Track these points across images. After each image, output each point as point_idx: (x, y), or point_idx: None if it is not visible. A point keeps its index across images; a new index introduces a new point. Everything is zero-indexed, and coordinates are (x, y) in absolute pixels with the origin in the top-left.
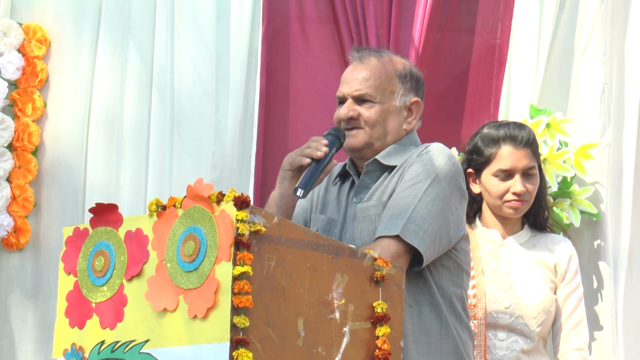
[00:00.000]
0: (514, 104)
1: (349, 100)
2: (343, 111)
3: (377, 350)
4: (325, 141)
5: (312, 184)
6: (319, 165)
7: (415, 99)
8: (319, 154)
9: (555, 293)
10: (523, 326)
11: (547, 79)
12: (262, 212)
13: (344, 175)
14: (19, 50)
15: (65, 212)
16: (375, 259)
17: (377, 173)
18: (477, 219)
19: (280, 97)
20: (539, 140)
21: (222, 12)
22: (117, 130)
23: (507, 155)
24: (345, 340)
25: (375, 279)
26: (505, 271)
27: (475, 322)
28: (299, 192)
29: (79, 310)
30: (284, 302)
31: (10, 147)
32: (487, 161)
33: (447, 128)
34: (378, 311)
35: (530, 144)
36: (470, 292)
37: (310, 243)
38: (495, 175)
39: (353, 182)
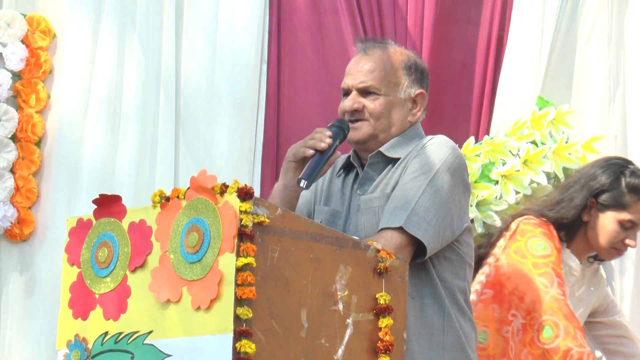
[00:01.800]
0: (516, 95)
1: (354, 92)
2: (347, 103)
3: (379, 342)
4: (329, 132)
5: (315, 175)
6: (322, 156)
7: (419, 90)
8: (323, 145)
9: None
10: None
11: (550, 70)
12: (266, 204)
13: (347, 167)
14: (22, 42)
15: (69, 203)
16: (378, 251)
17: (381, 165)
18: (565, 239)
19: (291, 89)
20: (545, 132)
21: (230, 3)
22: (120, 121)
23: None
24: (348, 332)
25: (378, 270)
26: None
27: None
28: (303, 183)
29: (82, 302)
30: (287, 293)
31: (14, 138)
32: (622, 206)
33: (452, 119)
34: (381, 303)
35: None
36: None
37: (314, 234)
38: (622, 223)
39: (357, 174)
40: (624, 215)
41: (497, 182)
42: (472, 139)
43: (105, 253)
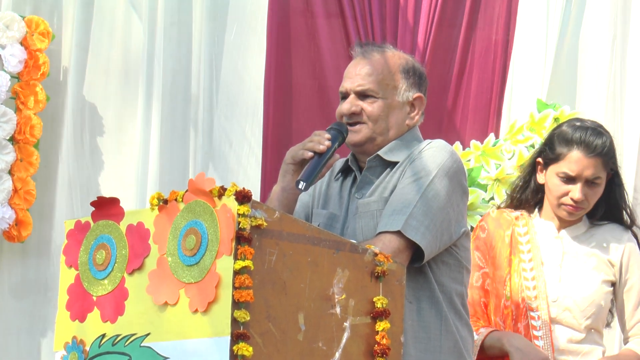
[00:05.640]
0: (519, 99)
1: (352, 96)
2: (345, 106)
3: (376, 345)
4: (327, 135)
5: (314, 177)
6: (321, 159)
7: (418, 94)
8: (322, 147)
9: (612, 286)
10: (570, 319)
11: (555, 74)
12: (264, 207)
13: (346, 171)
14: (21, 43)
15: (67, 205)
16: (376, 254)
17: (379, 169)
18: (537, 210)
19: (286, 92)
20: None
21: (225, 6)
22: (117, 122)
23: (575, 161)
24: (345, 335)
25: (376, 274)
26: (556, 264)
27: (537, 313)
28: (301, 185)
29: (80, 304)
30: (285, 296)
31: (12, 139)
32: (556, 159)
33: (451, 123)
34: (378, 306)
35: (603, 154)
36: (530, 283)
37: (312, 238)
38: (559, 176)
39: (355, 178)
40: (559, 167)
41: (485, 186)
42: (457, 144)
43: (103, 255)
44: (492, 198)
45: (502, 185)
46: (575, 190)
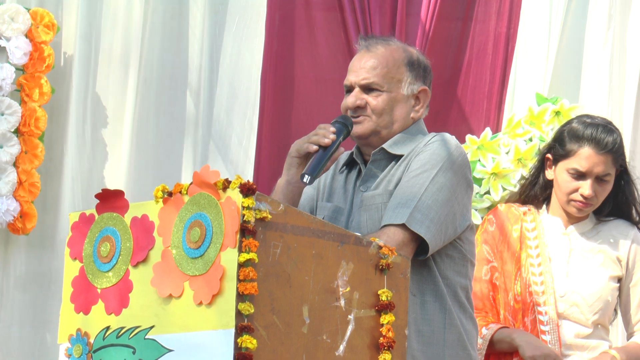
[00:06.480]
0: (522, 92)
1: (356, 89)
2: (350, 100)
3: (381, 338)
4: (332, 128)
5: (319, 171)
6: (326, 152)
7: (422, 87)
8: (327, 141)
9: (618, 282)
10: (578, 314)
11: (557, 68)
12: (268, 199)
13: (350, 164)
14: (26, 36)
15: (71, 198)
16: (380, 247)
17: (384, 162)
18: (545, 205)
19: (285, 85)
20: (547, 129)
21: (231, 6)
22: (121, 114)
23: (585, 158)
24: (350, 328)
25: (380, 267)
26: (564, 260)
27: (545, 308)
28: (306, 179)
29: (84, 296)
30: (289, 289)
31: (17, 132)
32: (566, 155)
33: (451, 117)
34: (383, 299)
35: (613, 151)
36: (537, 279)
37: (316, 231)
38: (569, 172)
39: (360, 171)
40: (569, 163)
41: (481, 180)
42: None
43: (107, 248)
44: (487, 192)
45: (498, 180)
46: (585, 187)
